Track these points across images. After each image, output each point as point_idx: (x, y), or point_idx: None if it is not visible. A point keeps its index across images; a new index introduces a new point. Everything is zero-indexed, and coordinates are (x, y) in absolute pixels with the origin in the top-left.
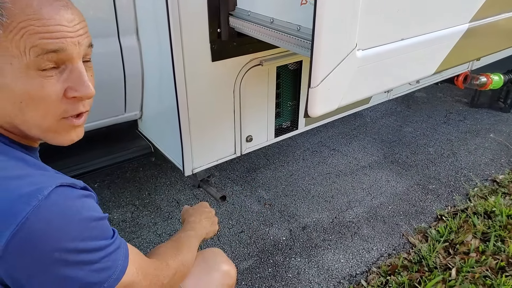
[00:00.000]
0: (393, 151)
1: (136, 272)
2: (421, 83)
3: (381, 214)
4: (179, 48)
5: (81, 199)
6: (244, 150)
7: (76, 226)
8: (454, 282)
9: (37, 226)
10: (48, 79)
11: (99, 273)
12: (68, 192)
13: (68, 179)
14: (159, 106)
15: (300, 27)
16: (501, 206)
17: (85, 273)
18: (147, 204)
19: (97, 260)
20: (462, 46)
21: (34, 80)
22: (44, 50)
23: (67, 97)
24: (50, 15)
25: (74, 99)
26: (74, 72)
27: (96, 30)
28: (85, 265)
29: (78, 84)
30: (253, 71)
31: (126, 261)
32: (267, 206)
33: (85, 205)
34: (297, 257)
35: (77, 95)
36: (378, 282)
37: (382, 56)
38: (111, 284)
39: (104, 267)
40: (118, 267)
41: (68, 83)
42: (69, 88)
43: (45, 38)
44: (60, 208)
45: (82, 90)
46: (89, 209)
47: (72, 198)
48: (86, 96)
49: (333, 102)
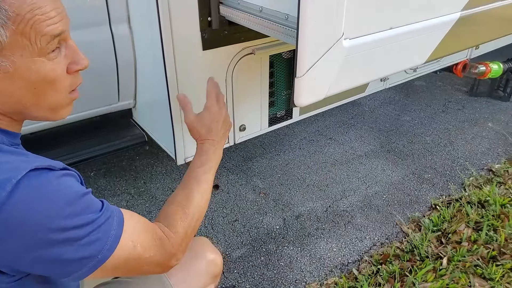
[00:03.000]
0: (390, 140)
1: (134, 246)
2: (419, 71)
3: (375, 203)
4: (169, 37)
5: (58, 179)
6: (238, 140)
7: (56, 204)
8: (445, 271)
9: (14, 211)
10: (55, 61)
11: (89, 246)
12: (44, 174)
13: (45, 162)
14: (151, 95)
15: (288, 16)
16: (495, 196)
17: (74, 248)
18: (143, 192)
19: (85, 235)
20: (454, 35)
21: (46, 65)
22: (52, 37)
23: (70, 72)
24: (45, 2)
25: (75, 72)
26: (70, 48)
27: (87, 19)
28: (73, 241)
29: (77, 58)
30: (246, 60)
31: (120, 230)
32: (262, 195)
33: (63, 183)
34: (289, 246)
35: (79, 67)
36: (370, 271)
37: (370, 46)
38: (105, 255)
39: (94, 239)
40: (110, 237)
41: (68, 59)
42: (71, 63)
43: (50, 25)
44: (36, 189)
45: (82, 62)
46: (68, 186)
47: (49, 179)
48: (86, 66)
49: (320, 92)
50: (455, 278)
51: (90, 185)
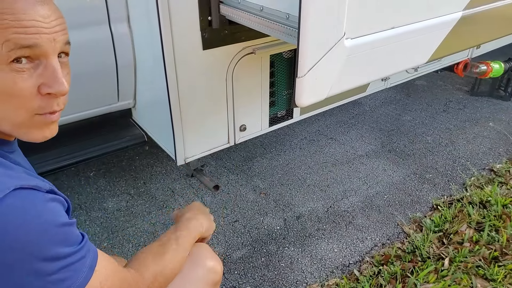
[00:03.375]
0: (391, 140)
1: (100, 286)
2: (420, 71)
3: (376, 204)
4: (169, 37)
5: (43, 203)
6: (238, 140)
7: (34, 230)
8: (447, 272)
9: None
10: (20, 74)
11: (56, 284)
12: (28, 195)
13: (31, 181)
14: (151, 95)
15: (289, 15)
16: (497, 196)
17: (41, 284)
18: (142, 193)
19: (55, 271)
20: (456, 34)
21: (6, 75)
22: (18, 45)
23: (41, 94)
24: (25, 10)
25: (48, 95)
26: (48, 69)
27: (86, 18)
28: (41, 275)
29: (52, 81)
30: (246, 59)
31: (90, 273)
32: (263, 195)
33: (46, 209)
34: (290, 247)
35: (51, 91)
36: (371, 272)
37: (372, 45)
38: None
39: (63, 278)
40: (79, 279)
41: (42, 79)
42: (43, 84)
43: (19, 33)
44: (16, 210)
45: (56, 87)
46: (51, 213)
47: (32, 201)
48: (60, 93)
49: (321, 92)
50: (457, 279)
51: (90, 185)
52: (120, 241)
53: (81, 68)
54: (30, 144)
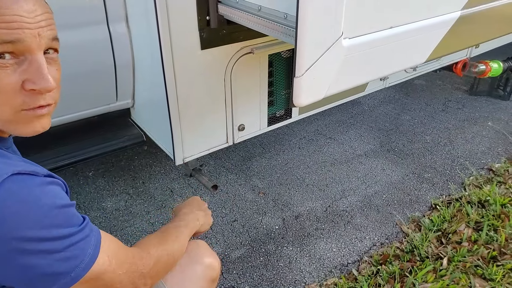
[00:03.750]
0: (390, 140)
1: (109, 261)
2: (419, 70)
3: (375, 203)
4: (167, 36)
5: (42, 186)
6: (236, 139)
7: (34, 213)
8: (445, 272)
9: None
10: (3, 69)
11: (64, 262)
12: (25, 180)
13: (29, 167)
14: (150, 95)
15: (287, 15)
16: (495, 195)
17: (48, 262)
18: (141, 192)
19: (61, 249)
20: (455, 34)
21: None
22: (0, 40)
23: (25, 89)
24: (7, 5)
25: (32, 91)
26: (33, 64)
27: (84, 18)
28: (48, 254)
29: (36, 77)
30: (244, 59)
31: (97, 250)
32: (261, 195)
33: (45, 192)
34: (289, 246)
35: (35, 87)
36: (369, 271)
37: (370, 45)
38: (79, 274)
39: (70, 256)
40: (87, 256)
41: (26, 75)
42: (27, 80)
43: (1, 28)
44: (15, 195)
45: (41, 83)
46: (50, 196)
47: (30, 185)
48: (45, 90)
49: (319, 92)
50: (456, 278)
51: (89, 185)
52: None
53: (80, 68)
54: (28, 144)
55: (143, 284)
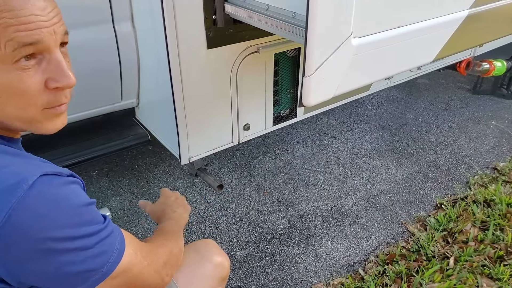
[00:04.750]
0: (394, 139)
1: (134, 253)
2: (423, 69)
3: (380, 203)
4: (173, 36)
5: (67, 186)
6: (242, 139)
7: (64, 213)
8: (452, 271)
9: (23, 217)
10: (26, 71)
11: (95, 259)
12: (53, 180)
13: (53, 168)
14: (155, 94)
15: (296, 14)
16: (501, 195)
17: (81, 260)
18: (145, 192)
19: (91, 246)
20: (462, 33)
21: (12, 74)
22: (21, 44)
23: (49, 88)
24: (21, 5)
25: (55, 89)
26: (52, 62)
27: (90, 17)
28: (80, 251)
29: (58, 75)
30: (250, 58)
31: (123, 244)
32: (266, 194)
33: (71, 192)
34: (295, 246)
35: (59, 85)
36: (376, 271)
37: (379, 44)
38: (110, 268)
39: (100, 252)
40: (115, 251)
41: (47, 73)
42: (50, 79)
43: (20, 31)
44: (45, 196)
45: (63, 80)
46: (76, 195)
47: (58, 186)
48: (68, 86)
49: (328, 91)
50: (463, 278)
51: (93, 185)
52: None
53: (85, 67)
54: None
55: (166, 274)
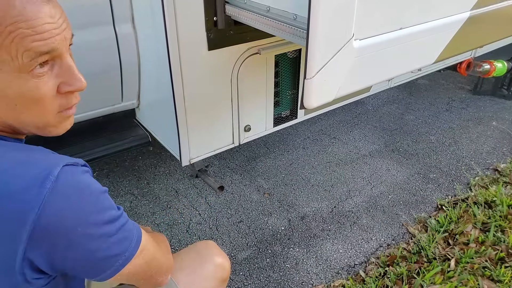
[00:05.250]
0: (394, 140)
1: (147, 244)
2: (423, 70)
3: (380, 204)
4: (174, 37)
5: (85, 175)
6: (242, 140)
7: (90, 199)
8: (453, 273)
9: (56, 206)
10: (41, 78)
11: (119, 244)
12: (74, 170)
13: (70, 159)
14: (156, 96)
15: (297, 16)
16: (502, 196)
17: (107, 245)
18: (146, 193)
19: (115, 232)
20: (464, 34)
21: (28, 82)
22: (38, 53)
23: (61, 93)
24: (35, 14)
25: (68, 93)
26: (64, 67)
27: (91, 19)
28: (107, 237)
29: (70, 79)
30: (251, 59)
31: (139, 232)
32: (267, 196)
33: (90, 180)
34: (295, 247)
35: (72, 89)
36: (377, 272)
37: (380, 46)
38: (131, 253)
39: (122, 237)
40: (134, 236)
41: (60, 78)
42: (62, 83)
43: (37, 41)
44: (72, 185)
45: (76, 84)
46: (94, 182)
47: (79, 175)
48: (80, 89)
49: (330, 94)
50: (464, 280)
51: None
52: None
53: (85, 69)
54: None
55: (170, 260)
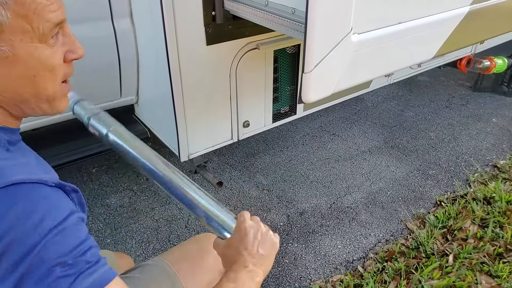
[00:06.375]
0: (394, 136)
1: None
2: (423, 66)
3: (379, 200)
4: (172, 32)
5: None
6: (241, 136)
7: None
8: (451, 269)
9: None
10: (53, 47)
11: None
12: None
13: (36, 174)
14: (154, 91)
15: (295, 10)
16: (501, 192)
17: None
18: (145, 189)
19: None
20: (463, 29)
21: (46, 51)
22: (55, 24)
23: (66, 61)
24: None
25: (70, 61)
26: (67, 36)
27: (89, 14)
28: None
29: (74, 47)
30: (250, 55)
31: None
32: (265, 192)
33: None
34: (294, 243)
35: (76, 56)
36: (375, 268)
37: (379, 40)
38: None
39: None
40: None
41: (65, 47)
42: (68, 51)
43: (52, 11)
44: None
45: (79, 51)
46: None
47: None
48: (82, 55)
49: (328, 88)
50: (462, 275)
51: (93, 182)
52: (124, 237)
53: (84, 64)
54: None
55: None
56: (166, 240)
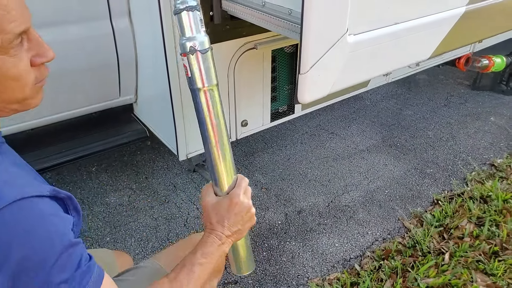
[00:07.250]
0: (392, 135)
1: None
2: (422, 65)
3: (377, 198)
4: (170, 31)
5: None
6: (240, 135)
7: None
8: (447, 267)
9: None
10: (16, 56)
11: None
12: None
13: (33, 188)
14: (153, 90)
15: (292, 11)
16: (497, 191)
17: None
18: (144, 188)
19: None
20: (459, 29)
21: (6, 63)
22: (16, 35)
23: (35, 65)
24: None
25: (40, 65)
26: (33, 41)
27: (87, 13)
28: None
29: (41, 50)
30: (248, 54)
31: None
32: (264, 190)
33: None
34: (292, 241)
35: (44, 60)
36: (372, 266)
37: (375, 41)
38: None
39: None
40: None
41: (31, 52)
42: (35, 56)
43: (12, 22)
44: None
45: (48, 54)
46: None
47: (35, 216)
48: (52, 58)
49: (324, 89)
50: (457, 273)
51: (92, 180)
52: (123, 235)
53: (82, 63)
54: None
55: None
56: (165, 238)
